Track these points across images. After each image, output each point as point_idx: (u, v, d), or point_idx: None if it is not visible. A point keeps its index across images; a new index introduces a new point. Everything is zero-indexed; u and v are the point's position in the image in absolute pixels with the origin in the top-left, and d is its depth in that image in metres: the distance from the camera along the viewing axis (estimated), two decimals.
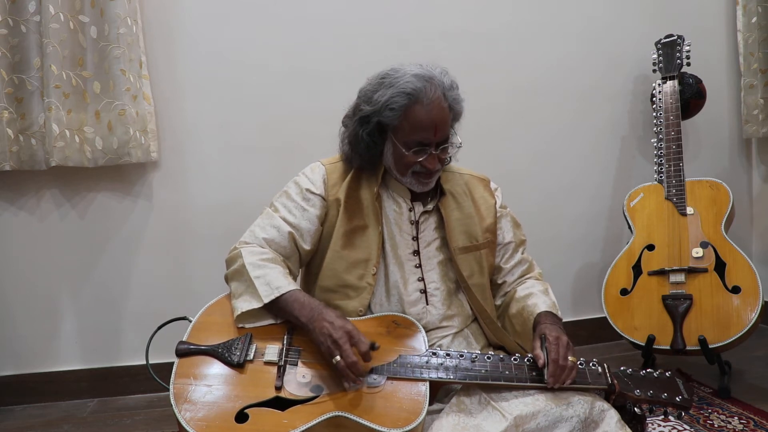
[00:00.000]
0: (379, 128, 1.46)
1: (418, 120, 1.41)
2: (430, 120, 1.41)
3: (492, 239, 1.61)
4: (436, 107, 1.41)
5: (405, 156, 1.45)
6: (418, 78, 1.41)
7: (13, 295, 2.44)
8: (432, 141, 1.44)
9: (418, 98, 1.40)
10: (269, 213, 1.55)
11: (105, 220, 2.46)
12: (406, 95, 1.40)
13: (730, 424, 1.95)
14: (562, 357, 1.29)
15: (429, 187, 1.53)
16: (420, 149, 1.44)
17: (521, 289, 1.59)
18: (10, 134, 2.25)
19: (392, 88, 1.41)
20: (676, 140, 2.42)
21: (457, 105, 1.47)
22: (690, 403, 1.32)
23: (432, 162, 1.46)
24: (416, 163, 1.45)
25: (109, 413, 2.35)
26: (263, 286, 1.36)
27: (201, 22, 2.45)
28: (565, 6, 2.74)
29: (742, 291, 2.13)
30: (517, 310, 1.54)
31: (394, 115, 1.42)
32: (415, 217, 1.56)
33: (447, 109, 1.44)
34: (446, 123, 1.45)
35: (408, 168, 1.47)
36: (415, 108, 1.41)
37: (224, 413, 1.21)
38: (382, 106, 1.42)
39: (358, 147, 1.50)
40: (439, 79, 1.43)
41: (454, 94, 1.46)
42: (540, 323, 1.42)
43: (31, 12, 2.22)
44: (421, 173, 1.48)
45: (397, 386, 1.28)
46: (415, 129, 1.42)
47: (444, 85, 1.43)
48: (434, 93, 1.41)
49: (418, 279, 1.52)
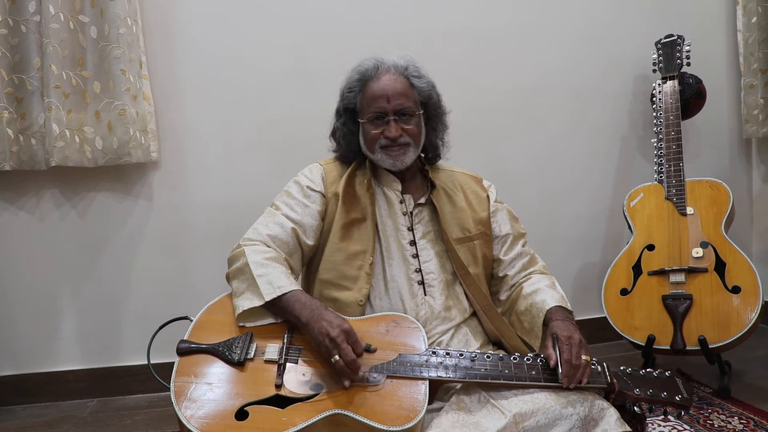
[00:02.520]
0: (350, 117, 1.60)
1: (371, 92, 1.54)
2: (381, 89, 1.52)
3: (485, 231, 1.62)
4: (387, 79, 1.53)
5: (369, 131, 1.55)
6: (370, 60, 1.57)
7: (13, 295, 2.44)
8: (387, 108, 1.52)
9: (369, 75, 1.55)
10: (271, 211, 1.58)
11: (105, 220, 2.46)
12: (359, 74, 1.56)
13: (730, 424, 1.95)
14: (575, 356, 1.29)
15: (402, 162, 1.56)
16: (376, 116, 1.54)
17: (527, 285, 1.59)
18: (10, 134, 2.25)
19: (349, 74, 1.58)
20: (676, 140, 2.42)
21: (419, 82, 1.56)
22: (690, 402, 1.32)
23: (392, 130, 1.53)
24: (380, 135, 1.53)
25: (109, 413, 2.35)
26: (265, 285, 1.37)
27: (201, 22, 2.45)
28: (566, 6, 2.74)
29: (742, 291, 2.13)
30: (525, 308, 1.54)
31: (353, 96, 1.57)
32: (407, 208, 1.59)
33: (403, 82, 1.54)
34: (402, 94, 1.53)
35: (374, 142, 1.55)
36: (368, 84, 1.55)
37: (224, 411, 1.22)
38: (344, 92, 1.59)
39: (340, 140, 1.62)
40: (391, 60, 1.56)
41: (412, 71, 1.56)
42: (551, 320, 1.42)
43: (31, 12, 2.22)
44: (387, 146, 1.55)
45: (397, 385, 1.28)
46: (370, 102, 1.54)
47: (398, 65, 1.56)
48: (385, 68, 1.55)
49: (415, 270, 1.54)
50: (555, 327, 1.38)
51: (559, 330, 1.36)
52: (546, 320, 1.45)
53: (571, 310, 1.49)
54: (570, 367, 1.27)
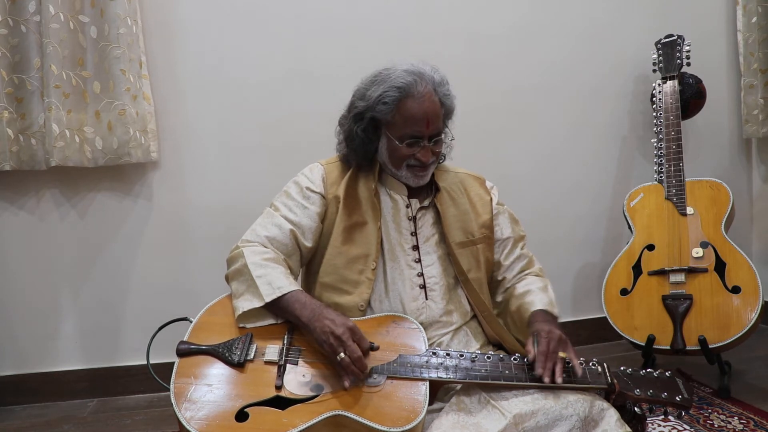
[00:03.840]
0: (373, 124, 1.51)
1: (411, 113, 1.45)
2: (422, 112, 1.45)
3: (488, 235, 1.62)
4: (427, 100, 1.46)
5: (399, 149, 1.49)
6: (408, 73, 1.46)
7: (13, 294, 2.44)
8: (425, 133, 1.47)
9: (410, 92, 1.45)
10: (270, 212, 1.57)
11: (105, 220, 2.46)
12: (397, 89, 1.44)
13: (730, 424, 1.95)
14: (552, 350, 1.30)
15: (424, 180, 1.55)
16: (413, 142, 1.48)
17: (520, 286, 1.61)
18: (10, 134, 2.25)
19: (384, 84, 1.46)
20: (676, 140, 2.42)
21: (447, 100, 1.52)
22: (690, 402, 1.32)
23: (426, 154, 1.49)
24: (410, 156, 1.50)
25: (109, 413, 2.35)
26: (265, 286, 1.37)
27: (201, 21, 2.45)
28: (566, 6, 2.74)
29: (742, 291, 2.14)
30: (515, 307, 1.56)
31: (387, 109, 1.46)
32: (412, 212, 1.58)
33: (438, 103, 1.49)
34: (438, 116, 1.49)
35: (402, 161, 1.51)
36: (407, 101, 1.45)
37: (224, 412, 1.21)
38: (375, 101, 1.47)
39: (354, 144, 1.55)
40: (429, 75, 1.48)
41: (444, 89, 1.51)
42: (533, 322, 1.44)
43: (31, 12, 2.22)
44: (416, 166, 1.52)
45: (397, 386, 1.28)
46: (407, 122, 1.46)
47: (434, 81, 1.48)
48: (425, 87, 1.46)
49: (417, 274, 1.53)
50: (536, 326, 1.40)
51: (539, 327, 1.39)
52: (529, 322, 1.46)
53: (556, 315, 1.51)
54: (546, 358, 1.28)
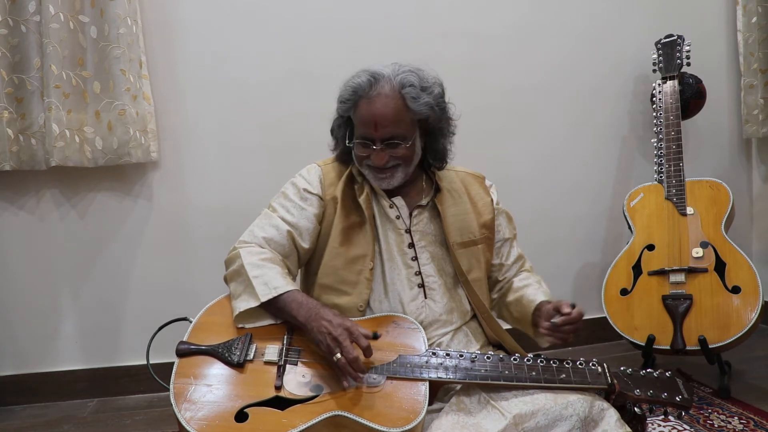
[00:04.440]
0: (347, 123, 1.53)
1: (361, 114, 1.46)
2: (371, 115, 1.43)
3: (489, 235, 1.63)
4: (378, 103, 1.43)
5: (357, 150, 1.51)
6: (366, 73, 1.46)
7: (13, 294, 2.43)
8: (374, 136, 1.45)
9: (362, 93, 1.45)
10: (267, 213, 1.57)
11: (105, 220, 2.46)
12: (352, 90, 1.46)
13: (730, 424, 1.95)
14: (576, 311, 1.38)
15: (388, 184, 1.52)
16: (363, 143, 1.48)
17: (517, 280, 1.66)
18: (10, 134, 2.25)
19: (345, 84, 1.49)
20: (676, 140, 2.42)
21: (414, 104, 1.44)
22: (690, 402, 1.32)
23: (377, 158, 1.46)
24: (366, 157, 1.49)
25: (109, 413, 2.35)
26: (261, 286, 1.37)
27: (201, 21, 2.45)
28: (566, 6, 2.74)
29: (742, 291, 2.13)
30: (515, 298, 1.60)
31: (346, 108, 1.49)
32: (399, 212, 1.57)
33: (397, 106, 1.43)
34: (392, 119, 1.43)
35: (361, 162, 1.52)
36: (359, 103, 1.46)
37: (224, 413, 1.22)
38: (339, 100, 1.51)
39: (338, 139, 1.58)
40: (389, 77, 1.44)
41: (412, 92, 1.43)
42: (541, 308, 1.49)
43: (31, 12, 2.22)
44: (373, 168, 1.50)
45: (397, 386, 1.28)
46: (359, 123, 1.48)
47: (400, 82, 1.43)
48: (380, 89, 1.43)
49: (415, 273, 1.53)
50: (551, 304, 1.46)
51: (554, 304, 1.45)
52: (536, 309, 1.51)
53: None
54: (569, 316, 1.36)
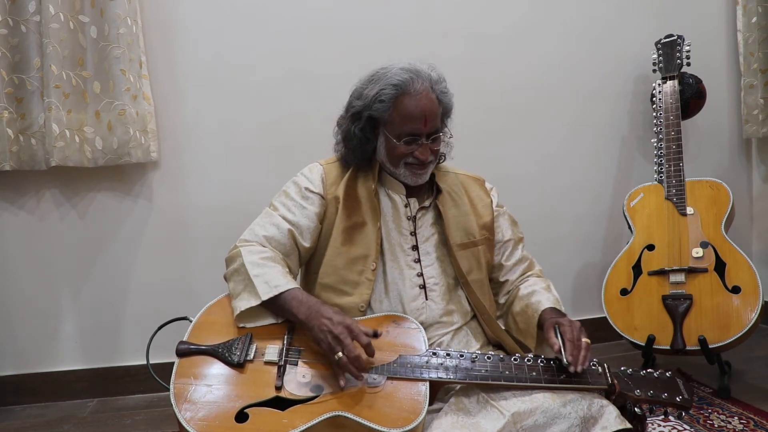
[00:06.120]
0: (371, 123, 1.51)
1: (408, 110, 1.45)
2: (420, 110, 1.45)
3: (489, 236, 1.62)
4: (424, 98, 1.46)
5: (397, 147, 1.49)
6: (405, 71, 1.46)
7: (13, 294, 2.43)
8: (422, 131, 1.47)
9: (406, 89, 1.45)
10: (268, 212, 1.57)
11: (105, 220, 2.46)
12: (394, 87, 1.45)
13: (730, 424, 1.95)
14: (576, 338, 1.31)
15: (423, 179, 1.55)
16: (411, 139, 1.48)
17: (524, 287, 1.61)
18: (10, 134, 2.25)
19: (381, 82, 1.47)
20: (676, 140, 2.42)
21: (445, 98, 1.52)
22: (690, 403, 1.32)
23: (424, 152, 1.49)
24: (408, 154, 1.49)
25: (109, 413, 2.35)
26: (262, 285, 1.37)
27: (201, 22, 2.45)
28: (566, 6, 2.74)
29: (742, 291, 2.13)
30: (521, 308, 1.56)
31: (384, 108, 1.47)
32: (411, 212, 1.58)
33: (435, 100, 1.48)
34: (435, 114, 1.48)
35: (401, 160, 1.51)
36: (403, 99, 1.45)
37: (224, 413, 1.21)
38: (372, 99, 1.47)
39: (352, 144, 1.54)
40: (425, 73, 1.48)
41: (441, 87, 1.51)
42: (547, 319, 1.44)
43: (31, 12, 2.22)
44: (414, 164, 1.51)
45: (397, 386, 1.28)
46: (405, 120, 1.46)
47: (431, 78, 1.49)
48: (421, 85, 1.46)
49: (417, 274, 1.53)
50: (553, 320, 1.41)
51: (558, 319, 1.39)
52: (541, 321, 1.47)
53: (564, 313, 1.51)
54: (573, 346, 1.29)
